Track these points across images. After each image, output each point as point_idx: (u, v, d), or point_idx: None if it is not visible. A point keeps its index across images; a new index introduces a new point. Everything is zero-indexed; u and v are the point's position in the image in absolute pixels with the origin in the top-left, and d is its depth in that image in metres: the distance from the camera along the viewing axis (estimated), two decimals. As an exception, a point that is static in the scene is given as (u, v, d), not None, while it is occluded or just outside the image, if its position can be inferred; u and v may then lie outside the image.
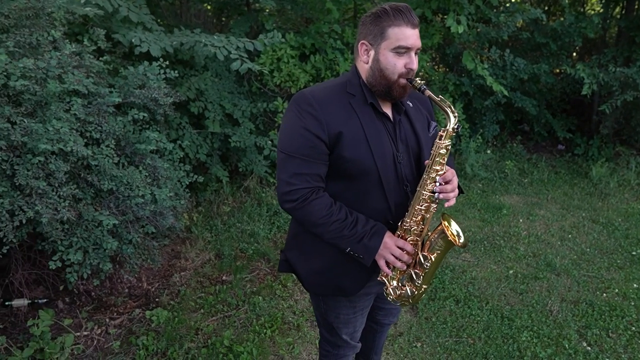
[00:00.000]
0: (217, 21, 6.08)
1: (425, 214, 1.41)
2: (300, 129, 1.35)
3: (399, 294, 1.50)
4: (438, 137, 1.36)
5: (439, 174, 1.37)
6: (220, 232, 3.72)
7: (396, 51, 1.35)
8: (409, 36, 1.34)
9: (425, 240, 1.47)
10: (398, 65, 1.36)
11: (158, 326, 2.62)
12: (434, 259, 1.44)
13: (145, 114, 2.59)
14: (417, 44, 1.36)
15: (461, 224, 4.21)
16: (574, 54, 6.98)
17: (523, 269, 3.46)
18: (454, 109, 1.37)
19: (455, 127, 1.35)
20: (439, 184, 1.37)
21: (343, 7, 5.01)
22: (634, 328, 2.79)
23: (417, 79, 1.37)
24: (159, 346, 2.47)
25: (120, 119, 2.43)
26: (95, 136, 2.30)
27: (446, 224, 1.44)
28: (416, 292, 1.49)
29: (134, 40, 2.93)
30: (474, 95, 5.98)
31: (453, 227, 1.46)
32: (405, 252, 1.42)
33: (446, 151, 1.36)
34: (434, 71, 5.98)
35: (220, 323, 2.72)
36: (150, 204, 2.45)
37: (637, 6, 6.11)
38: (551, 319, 2.86)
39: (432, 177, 1.37)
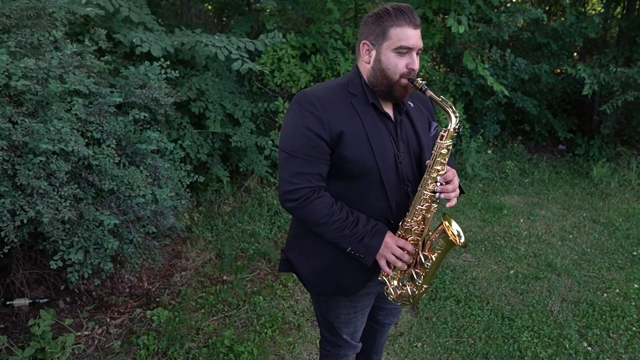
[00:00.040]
0: (217, 21, 6.08)
1: (426, 213, 1.41)
2: (302, 129, 1.36)
3: (399, 294, 1.50)
4: (439, 137, 1.37)
5: (440, 174, 1.38)
6: (221, 232, 3.72)
7: (398, 51, 1.35)
8: (411, 36, 1.34)
9: (426, 240, 1.47)
10: (399, 66, 1.36)
11: (159, 326, 2.63)
12: (434, 259, 1.44)
13: (146, 113, 2.59)
14: (419, 44, 1.36)
15: (462, 224, 4.20)
16: (574, 54, 6.97)
17: (524, 269, 3.46)
18: (455, 109, 1.37)
19: (457, 127, 1.36)
20: (440, 184, 1.38)
21: (344, 7, 5.02)
22: (634, 328, 2.79)
23: (418, 79, 1.37)
24: (160, 346, 2.47)
25: (121, 119, 2.44)
26: (96, 136, 2.30)
27: (447, 223, 1.44)
28: (417, 291, 1.49)
29: (134, 40, 2.94)
30: (475, 95, 5.98)
31: (454, 227, 1.46)
32: (406, 252, 1.42)
33: (447, 151, 1.36)
34: (434, 71, 5.98)
35: (220, 323, 2.72)
36: (151, 204, 2.46)
37: (638, 6, 6.10)
38: (552, 319, 2.85)
39: (433, 177, 1.38)
